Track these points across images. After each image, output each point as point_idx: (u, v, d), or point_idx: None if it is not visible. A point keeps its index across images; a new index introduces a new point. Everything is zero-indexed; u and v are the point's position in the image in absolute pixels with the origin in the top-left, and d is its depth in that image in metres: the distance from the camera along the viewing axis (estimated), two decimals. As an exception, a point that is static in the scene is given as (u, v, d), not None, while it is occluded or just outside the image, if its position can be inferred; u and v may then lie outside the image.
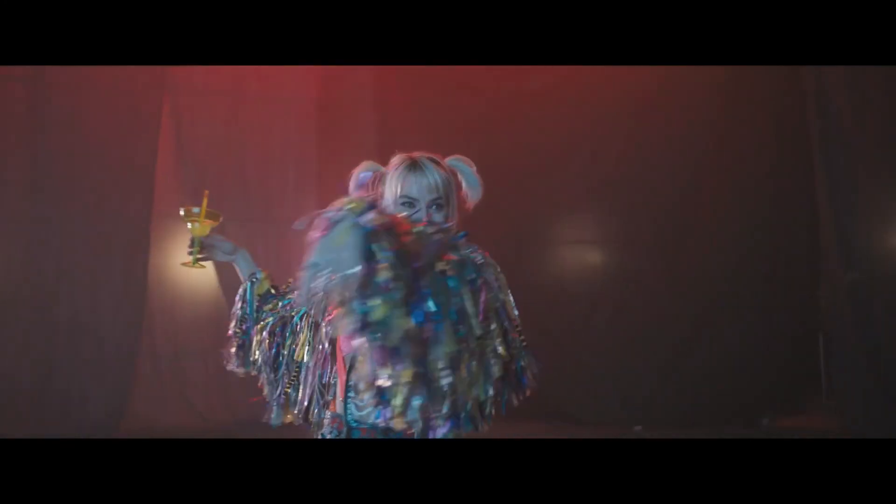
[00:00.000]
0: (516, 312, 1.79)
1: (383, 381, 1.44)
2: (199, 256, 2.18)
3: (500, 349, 1.69)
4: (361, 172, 1.95)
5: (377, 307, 1.42)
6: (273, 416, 1.97)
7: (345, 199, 1.54)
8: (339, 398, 1.84)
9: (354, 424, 1.80)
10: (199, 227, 2.19)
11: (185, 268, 2.19)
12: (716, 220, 6.45)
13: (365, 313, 1.42)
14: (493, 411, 1.70)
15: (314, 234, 1.48)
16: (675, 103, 6.46)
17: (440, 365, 1.47)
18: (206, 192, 2.22)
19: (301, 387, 1.94)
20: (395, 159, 1.93)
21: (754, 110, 6.37)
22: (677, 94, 6.41)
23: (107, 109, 6.12)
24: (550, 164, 6.74)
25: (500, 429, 1.78)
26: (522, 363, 1.77)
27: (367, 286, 1.43)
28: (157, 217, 6.36)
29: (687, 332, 6.46)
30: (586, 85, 6.45)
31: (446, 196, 1.87)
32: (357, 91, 6.73)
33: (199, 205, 2.16)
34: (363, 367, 1.46)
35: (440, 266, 1.54)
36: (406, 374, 1.44)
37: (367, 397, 1.56)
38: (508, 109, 6.69)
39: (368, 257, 1.45)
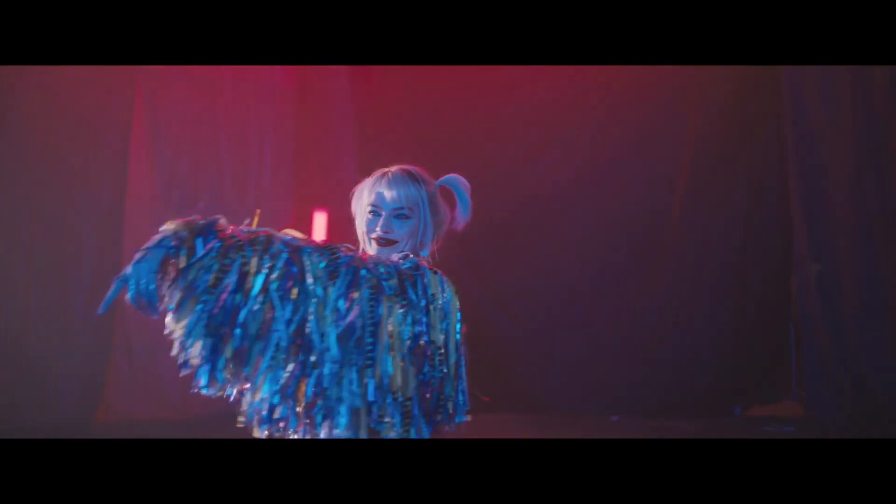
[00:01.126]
0: (448, 339, 1.79)
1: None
2: None
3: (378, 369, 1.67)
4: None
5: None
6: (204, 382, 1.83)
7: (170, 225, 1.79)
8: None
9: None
10: None
11: None
12: (690, 212, 6.52)
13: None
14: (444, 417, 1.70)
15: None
16: (650, 100, 6.51)
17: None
18: (258, 211, 2.08)
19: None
20: (376, 171, 2.06)
21: (730, 106, 6.43)
22: (652, 91, 6.46)
23: (78, 96, 5.99)
24: (527, 155, 6.77)
25: (475, 420, 1.79)
26: (449, 392, 1.73)
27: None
28: (130, 206, 6.26)
29: (661, 323, 6.54)
30: (561, 81, 6.48)
31: (412, 208, 1.97)
32: (335, 78, 6.68)
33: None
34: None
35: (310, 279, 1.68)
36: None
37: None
38: (487, 98, 6.69)
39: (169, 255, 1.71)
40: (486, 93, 6.67)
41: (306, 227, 6.18)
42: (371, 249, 1.98)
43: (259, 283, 1.65)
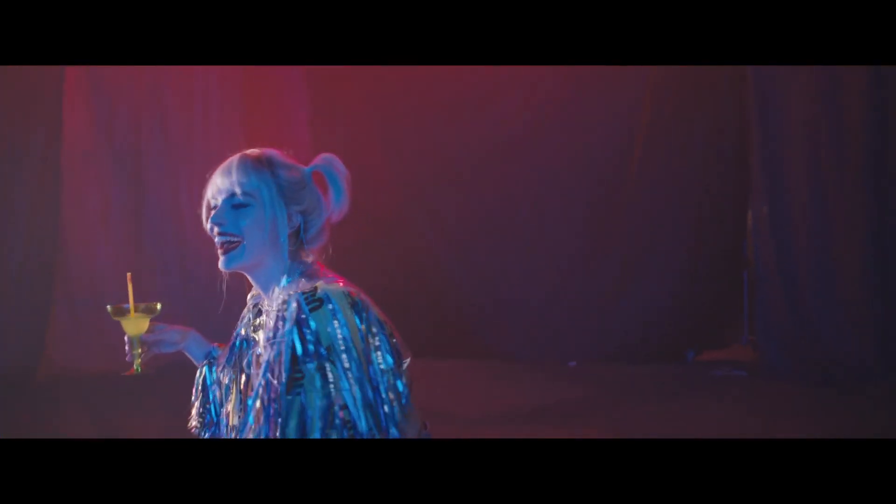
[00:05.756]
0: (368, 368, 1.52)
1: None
2: (143, 360, 1.85)
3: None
4: None
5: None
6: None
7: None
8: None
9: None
10: (133, 323, 1.85)
11: (133, 363, 1.84)
12: (648, 159, 6.49)
13: None
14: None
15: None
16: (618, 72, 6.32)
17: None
18: (129, 274, 1.89)
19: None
20: None
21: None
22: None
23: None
24: (484, 105, 6.67)
25: (433, 365, 1.67)
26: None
27: None
28: (67, 153, 5.94)
29: (617, 271, 6.57)
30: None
31: (251, 195, 1.61)
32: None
33: (124, 292, 1.82)
34: None
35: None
36: None
37: None
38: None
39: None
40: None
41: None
42: (220, 262, 1.66)
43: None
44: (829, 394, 5.07)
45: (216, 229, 1.63)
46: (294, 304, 1.54)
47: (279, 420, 1.52)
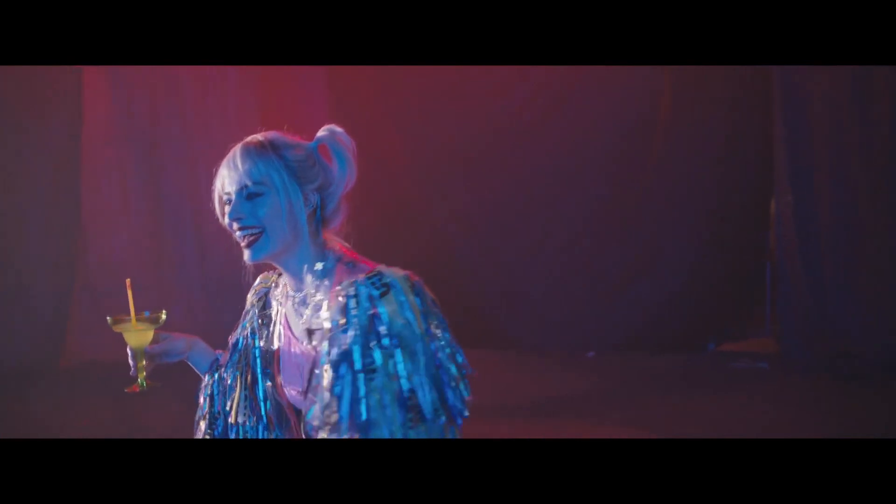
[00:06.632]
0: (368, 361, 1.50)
1: None
2: (147, 373, 1.73)
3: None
4: None
5: None
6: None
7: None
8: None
9: None
10: (137, 335, 1.73)
11: (136, 378, 1.73)
12: (668, 147, 6.41)
13: None
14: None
15: None
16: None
17: None
18: (128, 280, 1.76)
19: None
20: None
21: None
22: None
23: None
24: (499, 90, 6.61)
25: None
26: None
27: None
28: (86, 143, 5.97)
29: (636, 261, 6.51)
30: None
31: (263, 183, 1.58)
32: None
33: (144, 282, 1.73)
34: None
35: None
36: None
37: None
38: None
39: None
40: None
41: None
42: (245, 256, 1.63)
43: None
44: (855, 389, 4.99)
45: (235, 224, 1.61)
46: (363, 290, 1.52)
47: (356, 407, 1.47)
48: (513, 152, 6.69)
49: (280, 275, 1.77)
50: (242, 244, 1.63)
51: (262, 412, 1.69)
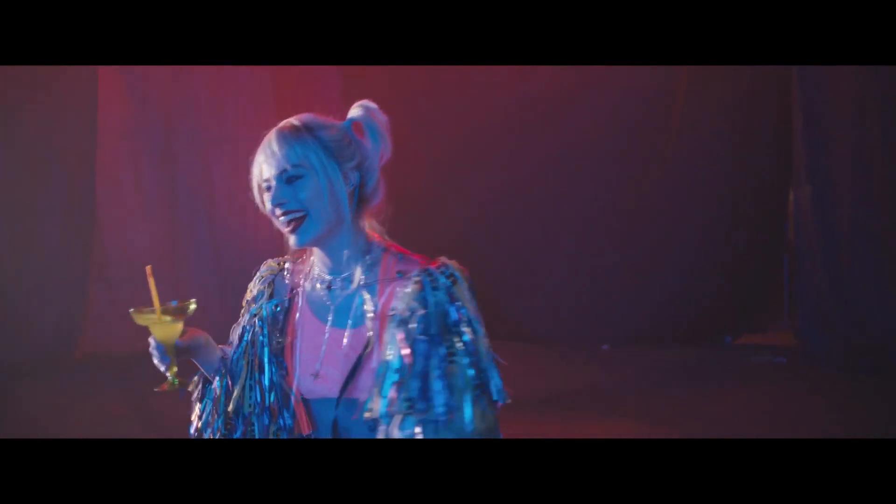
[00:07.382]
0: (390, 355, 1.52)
1: None
2: (177, 370, 1.56)
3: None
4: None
5: None
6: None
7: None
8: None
9: None
10: (164, 327, 1.54)
11: (167, 375, 1.57)
12: (684, 139, 6.35)
13: None
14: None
15: None
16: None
17: None
18: (149, 267, 1.61)
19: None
20: None
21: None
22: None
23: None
24: (514, 80, 6.57)
25: None
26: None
27: None
28: (102, 136, 5.99)
29: (653, 252, 6.46)
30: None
31: (302, 165, 1.57)
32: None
33: (146, 288, 1.54)
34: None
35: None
36: None
37: None
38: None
39: None
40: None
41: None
42: (291, 241, 1.60)
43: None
44: (876, 383, 4.89)
45: (278, 210, 1.59)
46: (440, 279, 1.57)
47: (438, 393, 1.49)
48: (529, 145, 6.66)
49: (286, 262, 1.75)
50: (287, 230, 1.60)
51: (266, 402, 1.66)
